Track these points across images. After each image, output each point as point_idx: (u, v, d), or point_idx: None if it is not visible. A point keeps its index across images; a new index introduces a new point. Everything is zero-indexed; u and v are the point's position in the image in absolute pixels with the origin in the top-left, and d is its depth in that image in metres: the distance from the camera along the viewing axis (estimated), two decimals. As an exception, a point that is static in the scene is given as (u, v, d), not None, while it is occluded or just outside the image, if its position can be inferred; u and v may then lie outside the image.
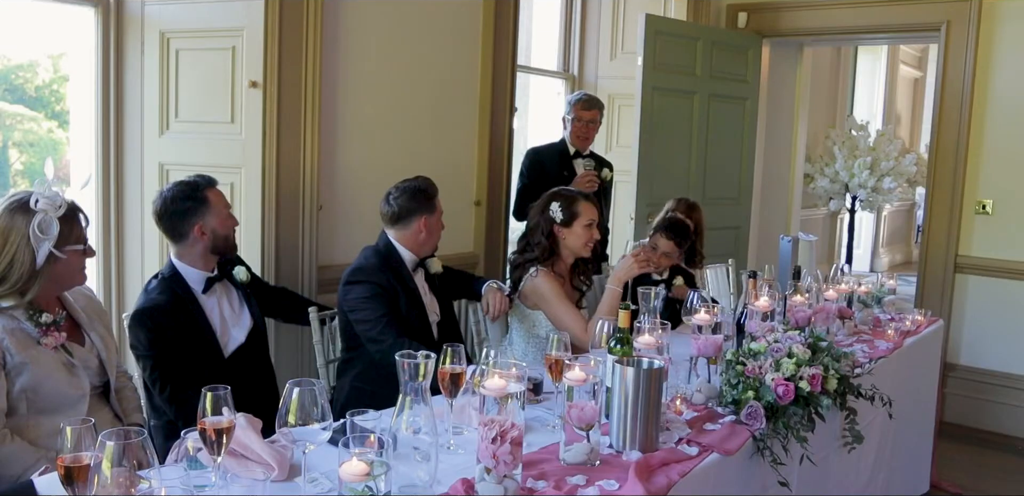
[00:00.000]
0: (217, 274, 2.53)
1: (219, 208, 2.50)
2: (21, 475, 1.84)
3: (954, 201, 4.66)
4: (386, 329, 2.62)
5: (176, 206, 2.45)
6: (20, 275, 1.94)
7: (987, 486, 3.91)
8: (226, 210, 2.53)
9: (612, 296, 2.85)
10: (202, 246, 2.47)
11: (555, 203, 2.98)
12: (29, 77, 3.46)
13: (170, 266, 2.49)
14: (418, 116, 3.74)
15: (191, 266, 2.48)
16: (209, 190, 2.50)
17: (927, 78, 10.35)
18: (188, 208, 2.45)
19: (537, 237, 2.99)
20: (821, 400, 2.12)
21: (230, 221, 2.55)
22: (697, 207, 3.86)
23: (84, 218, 2.06)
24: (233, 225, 2.56)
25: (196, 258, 2.48)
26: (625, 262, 2.89)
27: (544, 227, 2.98)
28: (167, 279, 2.46)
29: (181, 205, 2.45)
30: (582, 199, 3.01)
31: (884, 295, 3.52)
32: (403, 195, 2.78)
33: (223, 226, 2.50)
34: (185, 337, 2.40)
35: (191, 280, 2.48)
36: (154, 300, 2.42)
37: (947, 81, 4.67)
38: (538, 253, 2.97)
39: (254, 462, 1.64)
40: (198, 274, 2.48)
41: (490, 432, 1.52)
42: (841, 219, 9.04)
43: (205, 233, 2.46)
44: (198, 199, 2.46)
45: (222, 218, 2.50)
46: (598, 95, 5.07)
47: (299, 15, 3.12)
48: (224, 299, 2.55)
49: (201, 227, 2.45)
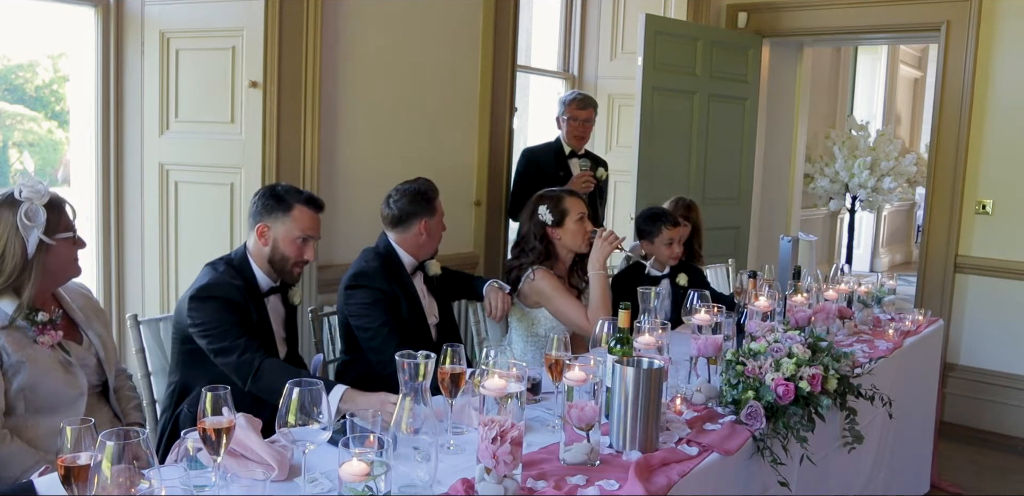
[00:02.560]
0: (278, 285, 2.50)
1: (294, 226, 2.41)
2: (19, 477, 1.84)
3: (954, 201, 4.66)
4: (386, 340, 2.61)
5: (264, 198, 2.43)
6: (13, 267, 1.94)
7: (987, 486, 3.91)
8: (300, 233, 2.42)
9: (599, 281, 2.91)
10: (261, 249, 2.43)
11: (542, 206, 3.00)
12: (29, 77, 3.46)
13: (243, 255, 2.45)
14: (418, 116, 3.74)
15: (257, 265, 2.44)
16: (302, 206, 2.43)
17: (927, 78, 10.36)
18: (268, 205, 2.41)
19: (531, 242, 3.01)
20: (821, 400, 2.12)
21: (299, 246, 2.43)
22: (695, 207, 3.86)
23: (70, 208, 2.05)
24: (302, 253, 2.44)
25: (262, 259, 2.44)
26: (595, 245, 2.93)
27: (536, 231, 3.00)
28: (236, 266, 2.42)
29: (266, 200, 2.43)
30: (567, 196, 3.04)
31: (884, 295, 3.52)
32: (403, 198, 2.77)
33: (288, 245, 2.41)
34: (250, 318, 2.36)
35: (259, 278, 2.45)
36: (225, 278, 2.36)
37: (947, 81, 4.67)
38: (533, 257, 2.98)
39: (254, 462, 1.64)
40: (264, 278, 2.45)
41: (490, 432, 1.52)
42: (841, 219, 9.04)
43: (265, 237, 2.41)
44: (284, 204, 2.42)
45: (291, 237, 2.41)
46: (598, 95, 5.08)
47: (299, 15, 3.12)
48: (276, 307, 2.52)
49: (264, 228, 2.41)
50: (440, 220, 2.84)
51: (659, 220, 3.45)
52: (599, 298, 2.88)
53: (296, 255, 2.43)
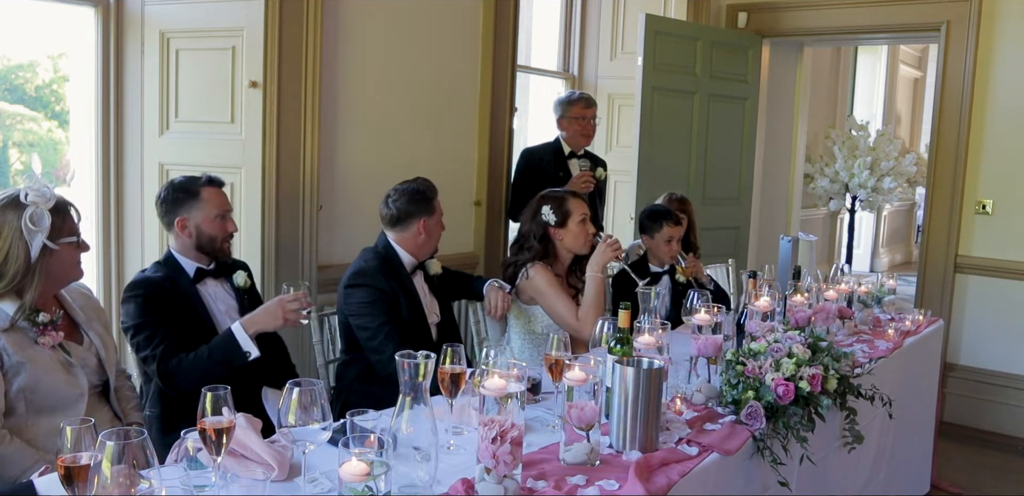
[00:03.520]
0: (212, 268, 2.52)
1: (209, 207, 2.47)
2: (19, 477, 1.84)
3: (954, 201, 4.66)
4: (386, 340, 2.62)
5: (169, 195, 2.47)
6: (16, 270, 1.94)
7: (987, 486, 3.91)
8: (217, 210, 2.49)
9: (595, 283, 2.93)
10: (185, 241, 2.47)
11: (545, 206, 3.01)
12: (29, 77, 3.46)
13: (168, 253, 2.51)
14: (418, 116, 3.74)
15: (184, 256, 2.48)
16: (206, 188, 2.49)
17: (927, 78, 10.36)
18: (178, 199, 2.46)
19: (530, 242, 3.02)
20: (821, 400, 2.12)
21: (220, 223, 2.49)
22: (687, 201, 3.88)
23: (75, 211, 2.06)
24: (225, 228, 2.51)
25: (188, 250, 2.48)
26: (598, 249, 2.96)
27: (537, 231, 3.01)
28: (162, 262, 2.48)
29: (173, 195, 2.47)
30: (570, 197, 3.05)
31: (884, 295, 3.52)
32: (401, 197, 2.77)
33: (209, 226, 2.47)
34: (176, 313, 2.38)
35: (185, 266, 2.48)
36: (147, 276, 2.43)
37: (947, 81, 4.67)
38: (531, 255, 2.99)
39: (254, 462, 1.64)
40: (191, 264, 2.48)
41: (490, 432, 1.52)
42: (841, 219, 9.04)
43: (187, 227, 2.45)
44: (190, 192, 2.47)
45: (210, 218, 2.47)
46: (598, 95, 5.09)
47: (299, 15, 3.12)
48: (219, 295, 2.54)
49: (184, 221, 2.45)
50: (439, 220, 2.84)
51: (662, 217, 3.49)
52: (591, 298, 2.91)
53: (221, 231, 2.49)
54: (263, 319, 2.33)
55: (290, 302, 2.34)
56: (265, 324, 2.34)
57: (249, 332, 2.31)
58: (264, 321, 2.34)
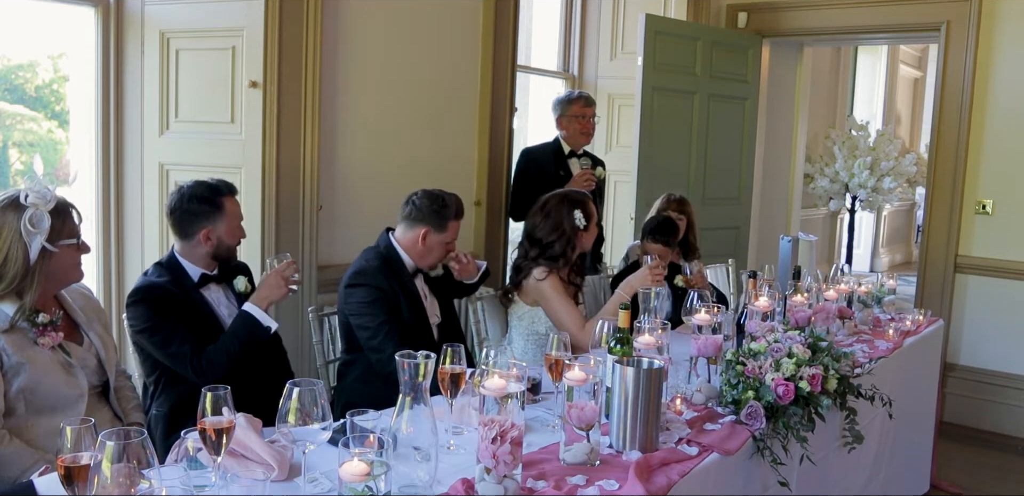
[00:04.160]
0: (216, 274, 2.52)
1: (232, 218, 2.48)
2: (19, 477, 1.84)
3: (954, 201, 4.66)
4: (386, 339, 2.61)
5: (191, 206, 2.44)
6: (15, 272, 1.94)
7: (987, 486, 3.91)
8: (237, 221, 2.51)
9: (618, 300, 2.89)
10: (204, 250, 2.46)
11: (577, 211, 2.97)
12: (29, 77, 3.46)
13: (171, 257, 2.48)
14: (418, 116, 3.74)
15: (190, 261, 2.47)
16: (227, 198, 2.49)
17: (927, 78, 10.36)
18: (202, 211, 2.43)
19: (559, 246, 2.97)
20: (821, 400, 2.12)
21: (239, 232, 2.53)
22: (686, 201, 3.86)
23: (76, 213, 2.06)
24: (240, 236, 2.55)
25: (197, 258, 2.47)
26: (641, 272, 2.92)
27: (569, 235, 2.97)
28: (165, 266, 2.46)
29: (196, 207, 2.44)
30: (588, 200, 3.07)
31: (884, 295, 3.52)
32: (425, 199, 2.75)
33: (231, 236, 2.49)
34: (186, 316, 2.39)
35: (190, 272, 2.48)
36: (152, 281, 2.42)
37: (947, 81, 4.67)
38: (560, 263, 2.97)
39: (254, 462, 1.64)
40: (196, 269, 2.48)
41: (490, 432, 1.52)
42: (841, 219, 9.04)
43: (211, 239, 2.45)
44: (215, 204, 2.45)
45: (232, 228, 2.49)
46: (598, 95, 5.09)
47: (299, 15, 3.12)
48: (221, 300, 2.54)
49: (209, 233, 2.44)
50: (445, 241, 2.80)
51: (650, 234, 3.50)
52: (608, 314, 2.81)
53: (238, 239, 2.55)
54: (269, 292, 2.44)
55: (284, 270, 2.46)
56: (271, 295, 2.44)
57: (262, 307, 2.43)
58: (270, 293, 2.44)
